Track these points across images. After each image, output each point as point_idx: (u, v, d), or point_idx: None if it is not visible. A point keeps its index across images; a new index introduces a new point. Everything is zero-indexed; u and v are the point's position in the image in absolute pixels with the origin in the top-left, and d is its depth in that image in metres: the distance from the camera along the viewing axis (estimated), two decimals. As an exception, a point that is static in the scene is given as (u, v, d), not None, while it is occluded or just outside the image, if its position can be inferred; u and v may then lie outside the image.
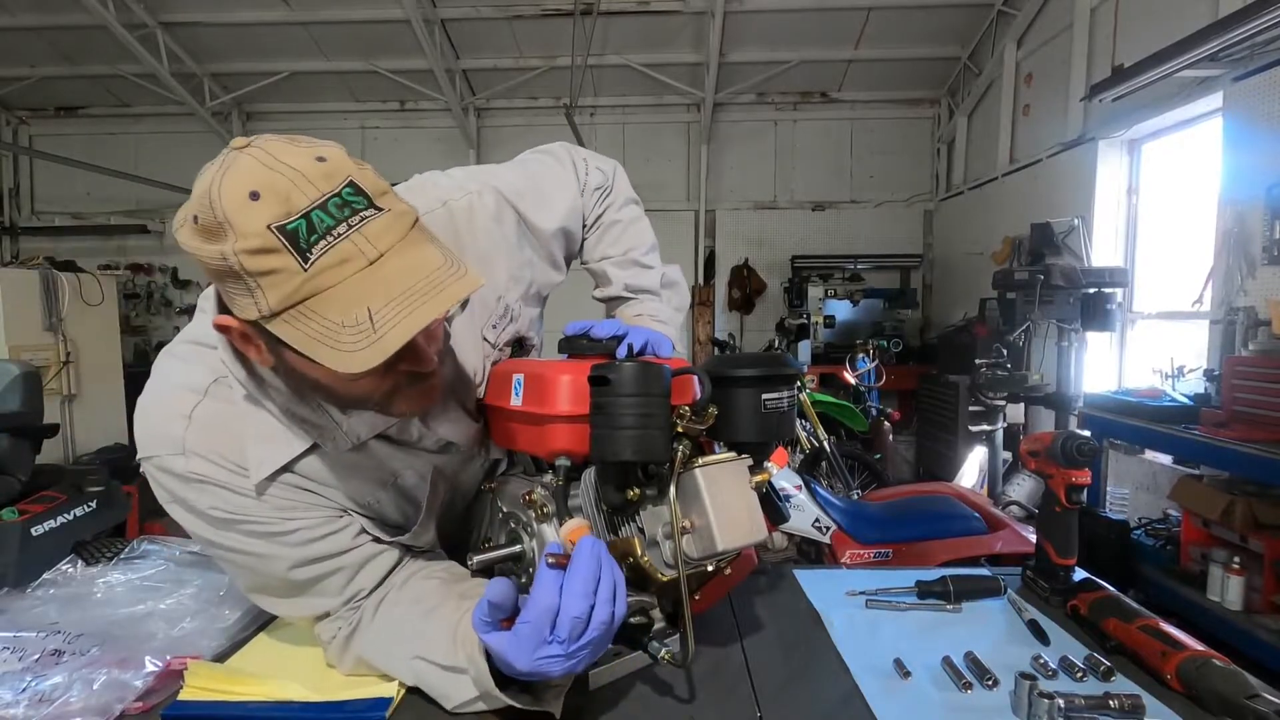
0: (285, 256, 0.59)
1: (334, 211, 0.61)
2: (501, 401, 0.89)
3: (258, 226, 0.59)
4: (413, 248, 0.65)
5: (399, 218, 0.65)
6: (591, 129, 6.79)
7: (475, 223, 0.93)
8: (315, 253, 0.60)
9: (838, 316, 6.27)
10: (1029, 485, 4.19)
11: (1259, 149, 3.03)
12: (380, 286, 0.61)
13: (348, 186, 0.62)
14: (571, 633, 0.66)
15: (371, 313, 0.60)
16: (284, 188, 0.60)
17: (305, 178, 0.61)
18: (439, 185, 0.95)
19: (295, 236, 0.59)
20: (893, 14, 5.50)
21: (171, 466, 0.78)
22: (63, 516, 2.53)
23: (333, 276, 0.61)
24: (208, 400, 0.78)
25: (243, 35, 5.78)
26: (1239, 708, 0.74)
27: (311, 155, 0.62)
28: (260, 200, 0.59)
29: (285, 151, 0.62)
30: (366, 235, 0.62)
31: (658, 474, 0.76)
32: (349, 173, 0.63)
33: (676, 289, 1.22)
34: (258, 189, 0.60)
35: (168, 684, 0.84)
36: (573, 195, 1.07)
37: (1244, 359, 2.77)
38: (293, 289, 0.60)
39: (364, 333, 0.60)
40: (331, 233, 0.61)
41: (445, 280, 0.64)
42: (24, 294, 4.29)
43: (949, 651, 0.90)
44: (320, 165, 0.62)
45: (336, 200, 0.61)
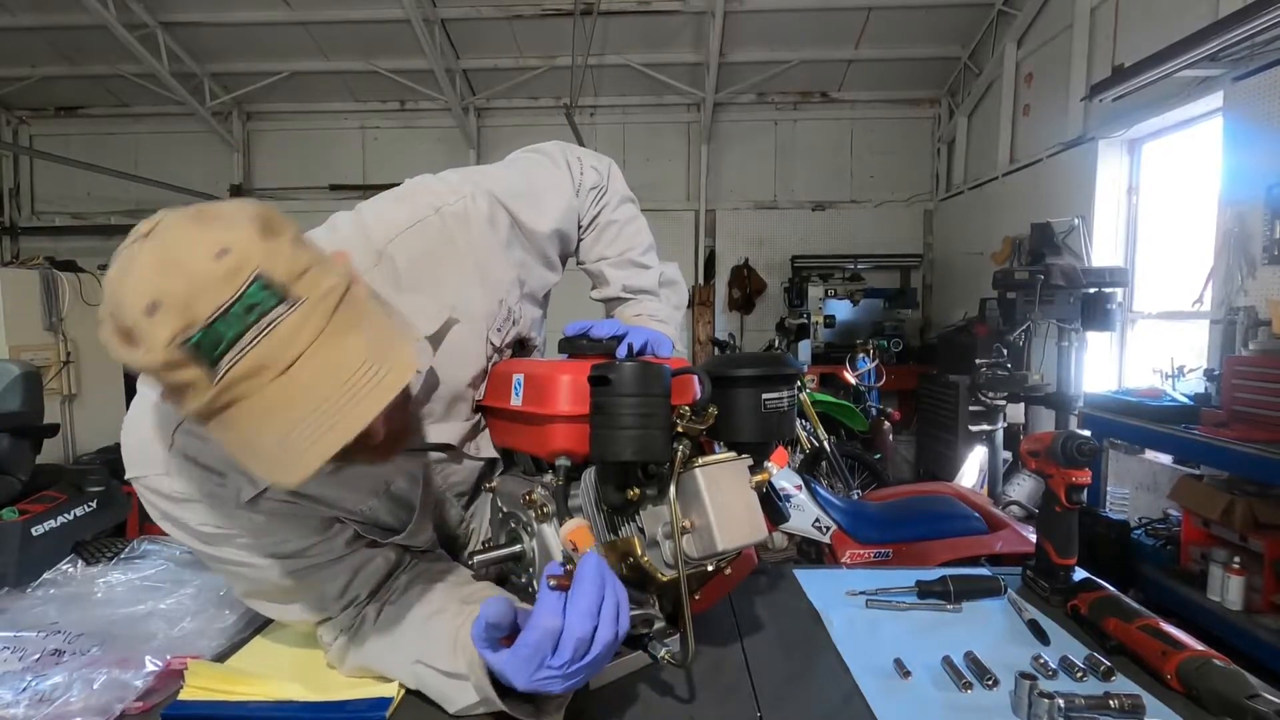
0: (193, 369, 0.56)
1: (239, 318, 0.56)
2: (501, 402, 0.89)
3: (161, 341, 0.55)
4: (332, 344, 0.59)
5: (317, 305, 0.59)
6: (591, 129, 6.79)
7: (470, 228, 0.91)
8: (224, 365, 0.56)
9: (838, 316, 6.27)
10: (1029, 485, 4.19)
11: (1259, 149, 3.02)
12: (294, 400, 0.57)
13: (254, 283, 0.56)
14: (575, 653, 0.65)
15: (286, 431, 0.57)
16: (183, 296, 0.55)
17: (205, 283, 0.55)
18: (431, 190, 0.93)
19: (199, 349, 0.55)
20: (893, 14, 5.50)
21: (159, 487, 0.78)
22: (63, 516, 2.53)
23: (246, 388, 0.57)
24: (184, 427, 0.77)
25: (243, 35, 5.78)
26: (1239, 708, 0.74)
27: (214, 249, 0.56)
28: (159, 313, 0.55)
29: (186, 245, 0.57)
30: (278, 339, 0.57)
31: (658, 474, 0.76)
32: (256, 265, 0.57)
33: (675, 287, 1.22)
34: (157, 299, 0.55)
35: (168, 684, 0.84)
36: (567, 196, 1.06)
37: (1244, 359, 2.76)
38: (208, 400, 0.57)
39: (280, 451, 0.57)
40: (238, 343, 0.56)
41: (365, 385, 0.58)
42: (24, 294, 4.29)
43: (949, 651, 0.90)
44: (222, 263, 0.56)
45: (241, 305, 0.56)
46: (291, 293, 0.58)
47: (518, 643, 0.66)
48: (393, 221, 0.88)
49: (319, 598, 0.85)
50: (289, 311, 0.58)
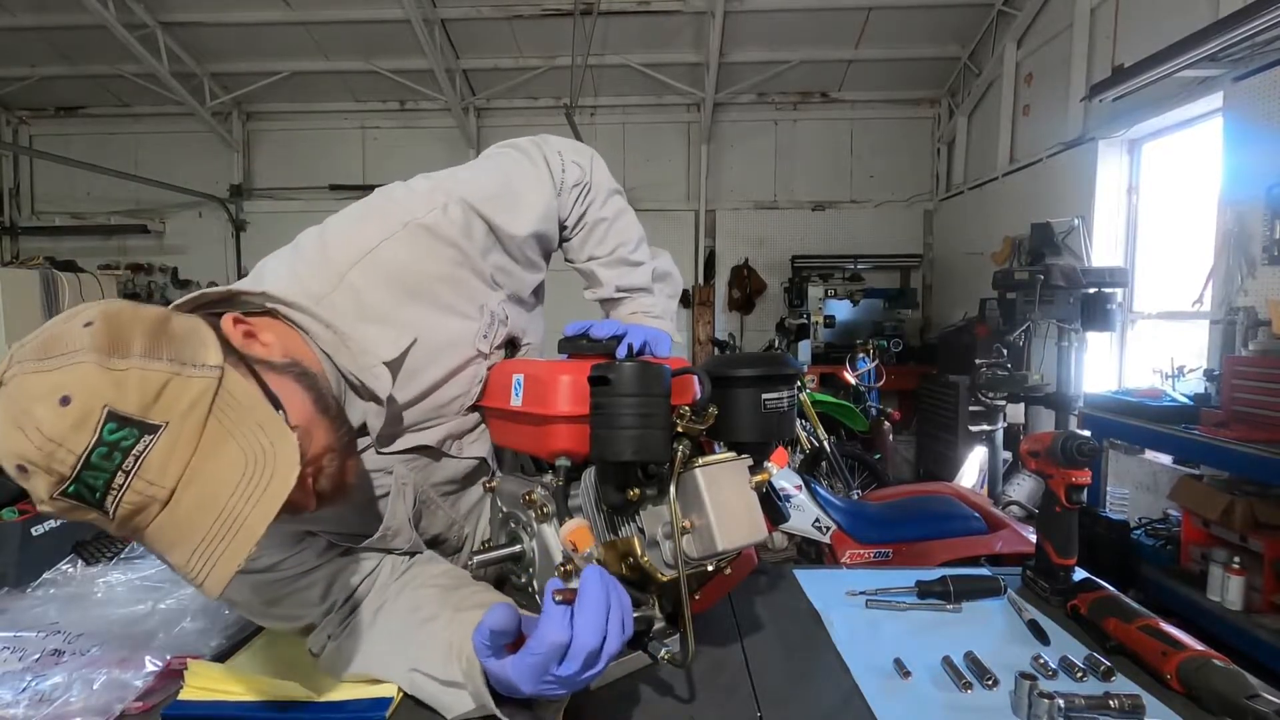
0: (88, 511, 0.57)
1: (102, 465, 0.55)
2: (501, 402, 0.89)
3: (44, 496, 0.56)
4: (208, 463, 0.59)
5: (183, 424, 0.58)
6: (591, 129, 6.79)
7: (440, 241, 0.87)
8: (109, 506, 0.56)
9: (838, 316, 6.27)
10: (1029, 485, 4.18)
11: (1259, 149, 3.02)
12: (183, 530, 0.58)
13: (107, 425, 0.55)
14: (584, 665, 0.65)
15: (186, 558, 0.58)
16: (42, 456, 0.54)
17: (55, 438, 0.54)
18: (399, 203, 0.88)
19: (81, 497, 0.56)
20: (893, 14, 5.50)
21: None
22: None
23: (139, 522, 0.58)
24: None
25: (243, 35, 5.79)
26: (1239, 708, 0.74)
27: (55, 397, 0.55)
28: (30, 474, 0.55)
29: (30, 398, 0.55)
30: (148, 475, 0.56)
31: (658, 474, 0.76)
32: (103, 402, 0.55)
33: (669, 279, 1.21)
34: (21, 461, 0.55)
35: (168, 684, 0.84)
36: (547, 197, 1.01)
37: (1244, 359, 2.76)
38: (116, 530, 0.58)
39: (191, 572, 0.58)
40: (111, 486, 0.56)
41: (248, 501, 0.58)
42: (24, 294, 4.29)
43: (949, 651, 0.90)
44: (67, 412, 0.54)
45: (101, 451, 0.55)
46: (150, 419, 0.57)
47: (523, 651, 0.66)
48: (357, 243, 0.83)
49: (297, 605, 0.85)
50: (154, 440, 0.56)
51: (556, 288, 1.12)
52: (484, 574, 0.90)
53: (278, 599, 0.84)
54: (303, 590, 0.84)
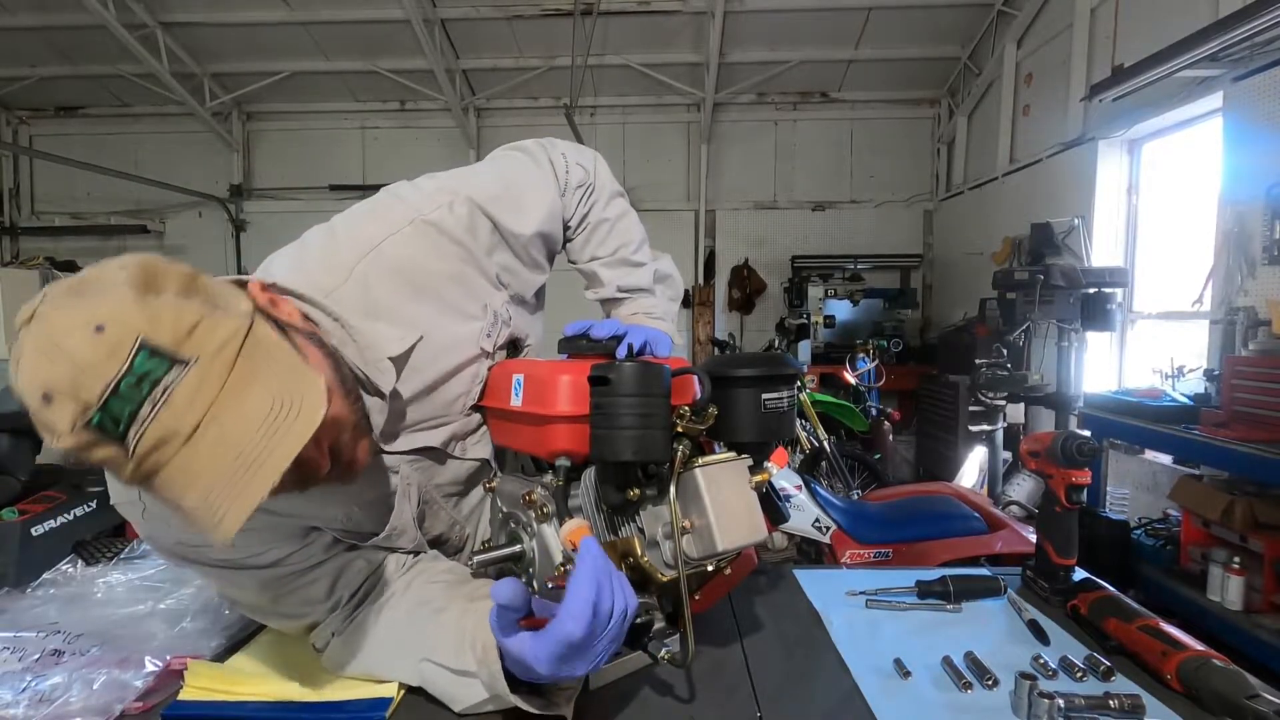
0: (106, 447, 0.56)
1: (131, 393, 0.55)
2: (501, 402, 0.89)
3: (64, 428, 0.55)
4: (234, 401, 0.58)
5: (213, 362, 0.58)
6: (591, 129, 6.79)
7: (445, 238, 0.89)
8: (131, 439, 0.56)
9: (838, 316, 6.26)
10: (1029, 485, 4.18)
11: (1259, 149, 3.02)
12: (205, 465, 0.57)
13: (140, 354, 0.55)
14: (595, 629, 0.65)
15: (204, 496, 0.57)
16: (69, 383, 0.54)
17: (87, 365, 0.54)
18: (406, 201, 0.90)
19: (103, 429, 0.55)
20: (893, 14, 5.50)
21: (131, 514, 0.79)
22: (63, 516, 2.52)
23: (159, 458, 0.57)
24: None
25: (243, 35, 5.78)
26: (1239, 708, 0.74)
27: (90, 325, 0.55)
28: (54, 402, 0.55)
29: (63, 328, 0.56)
30: (175, 408, 0.56)
31: (658, 474, 0.76)
32: (138, 332, 0.56)
33: (670, 281, 1.21)
34: (48, 389, 0.55)
35: (168, 684, 0.84)
36: (551, 198, 1.03)
37: (1244, 359, 2.76)
38: (131, 471, 0.57)
39: (205, 513, 0.57)
40: (137, 417, 0.55)
41: (272, 438, 0.58)
42: (24, 294, 4.27)
43: (949, 651, 0.90)
44: (101, 340, 0.55)
45: (129, 380, 0.55)
46: (181, 354, 0.57)
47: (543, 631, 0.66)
48: (364, 238, 0.85)
49: (301, 603, 0.85)
50: (183, 374, 0.56)
51: (556, 288, 1.12)
52: (484, 574, 0.90)
53: (282, 596, 0.84)
54: (307, 586, 0.84)
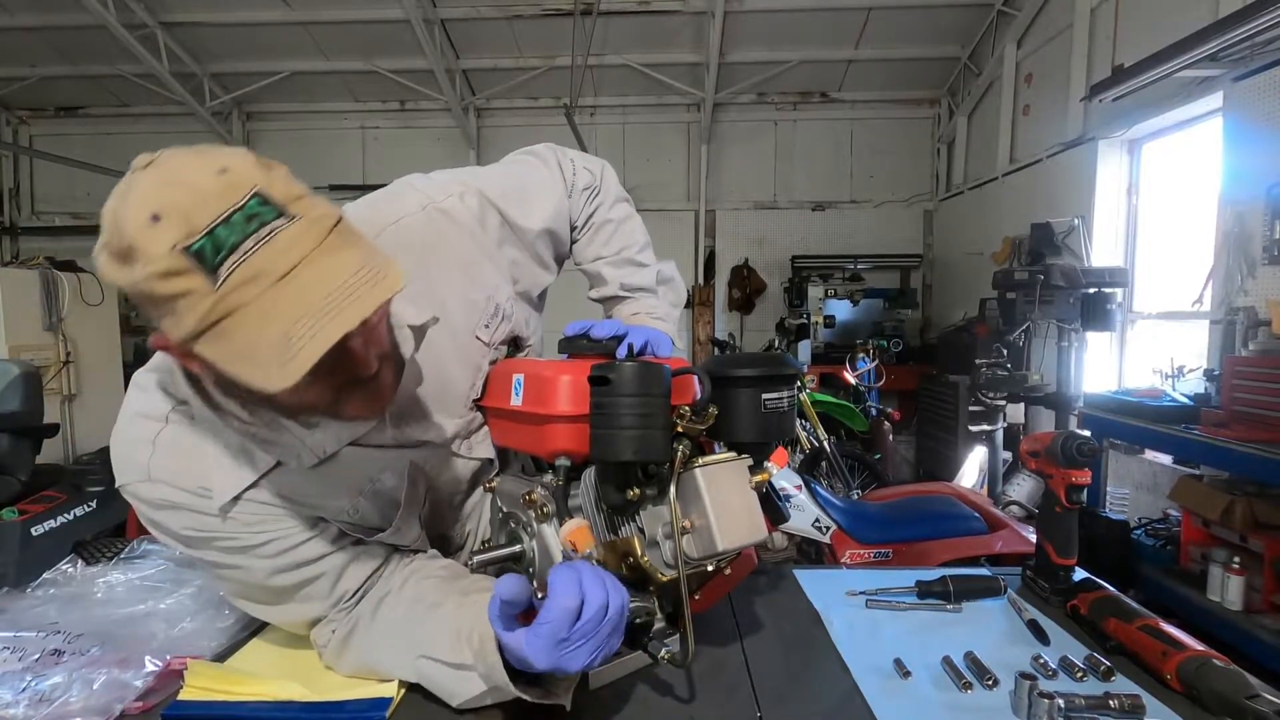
0: (194, 277, 0.57)
1: (240, 226, 0.58)
2: (501, 402, 0.89)
3: (162, 249, 0.57)
4: (328, 256, 0.62)
5: (314, 224, 0.62)
6: (591, 129, 6.79)
7: (456, 226, 0.92)
8: (224, 271, 0.58)
9: (838, 316, 6.27)
10: (1029, 485, 4.18)
11: (1259, 149, 3.02)
12: (294, 301, 0.59)
13: (254, 198, 0.59)
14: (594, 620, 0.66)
15: (286, 329, 0.58)
16: (185, 206, 0.57)
17: (207, 194, 0.58)
18: (418, 189, 0.93)
19: (201, 256, 0.57)
20: (893, 14, 5.50)
21: (140, 493, 0.79)
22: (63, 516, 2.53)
23: (245, 294, 0.58)
24: (170, 426, 0.78)
25: (243, 35, 5.78)
26: (1239, 708, 0.74)
27: (214, 168, 0.60)
28: (162, 222, 0.57)
29: (186, 167, 0.60)
30: (277, 248, 0.59)
31: (658, 474, 0.76)
32: (255, 182, 0.60)
33: (672, 285, 1.22)
34: (159, 211, 0.57)
35: (168, 684, 0.84)
36: (558, 196, 1.06)
37: (1244, 359, 2.76)
38: (207, 309, 0.58)
39: (281, 348, 0.58)
40: (239, 249, 0.58)
41: (360, 288, 0.61)
42: (24, 294, 4.29)
43: (949, 651, 0.90)
44: (223, 178, 0.59)
45: (241, 214, 0.58)
46: (289, 210, 0.61)
47: (535, 623, 0.67)
48: (378, 219, 0.88)
49: (306, 598, 0.85)
50: (287, 224, 0.60)
51: (557, 288, 1.13)
52: (484, 574, 0.91)
53: (288, 589, 0.84)
54: (312, 580, 0.84)
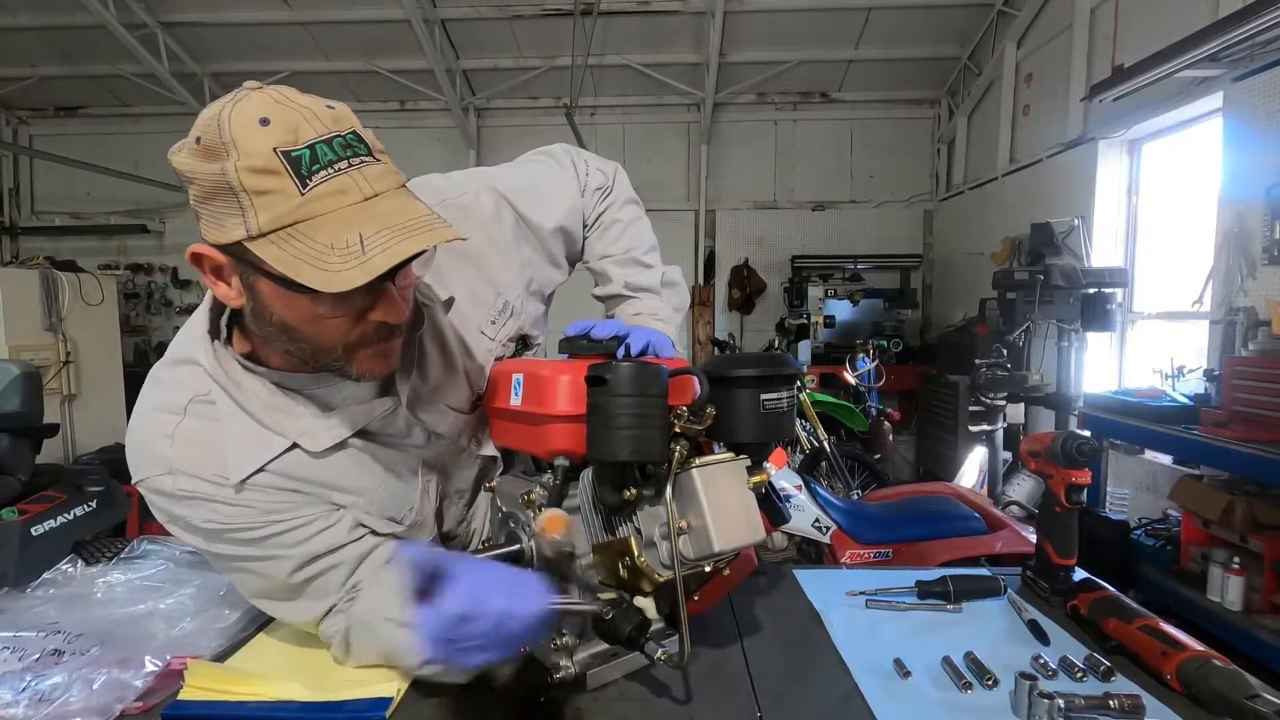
0: (284, 179, 0.63)
1: (338, 149, 0.66)
2: (501, 401, 0.89)
3: (263, 148, 0.63)
4: (405, 197, 0.70)
5: (394, 174, 0.71)
6: (591, 129, 6.79)
7: (470, 222, 0.94)
8: (314, 180, 0.64)
9: (838, 316, 6.27)
10: (1029, 485, 4.18)
11: (1259, 149, 3.02)
12: (374, 218, 0.65)
13: (353, 133, 0.68)
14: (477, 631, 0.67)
15: (363, 238, 0.64)
16: (294, 120, 0.65)
17: (316, 116, 0.66)
18: (435, 187, 0.96)
19: (298, 163, 0.64)
20: (893, 14, 5.49)
21: (162, 486, 0.79)
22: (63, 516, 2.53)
23: (328, 204, 0.65)
24: (188, 419, 0.80)
25: (243, 35, 5.78)
26: (1239, 708, 0.74)
27: (324, 102, 0.69)
28: (270, 126, 0.64)
29: (298, 95, 0.68)
30: (365, 176, 0.67)
31: (655, 474, 0.76)
32: (355, 125, 0.69)
33: (676, 289, 1.22)
34: (270, 117, 0.64)
35: (168, 684, 0.84)
36: (572, 195, 1.08)
37: (1244, 359, 2.76)
38: (286, 210, 0.63)
39: (353, 254, 0.63)
40: (333, 166, 0.65)
41: (434, 224, 0.68)
42: (24, 294, 4.29)
43: (949, 651, 0.90)
44: (331, 111, 0.68)
45: (341, 140, 0.66)
46: (376, 155, 0.70)
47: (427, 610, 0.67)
48: None
49: (322, 590, 0.85)
50: (375, 163, 0.69)
51: (559, 288, 1.13)
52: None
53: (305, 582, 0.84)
54: (328, 571, 0.84)
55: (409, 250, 0.64)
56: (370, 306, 0.72)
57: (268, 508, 0.80)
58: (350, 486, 0.85)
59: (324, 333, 0.72)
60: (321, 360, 0.76)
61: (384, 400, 0.87)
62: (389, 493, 0.88)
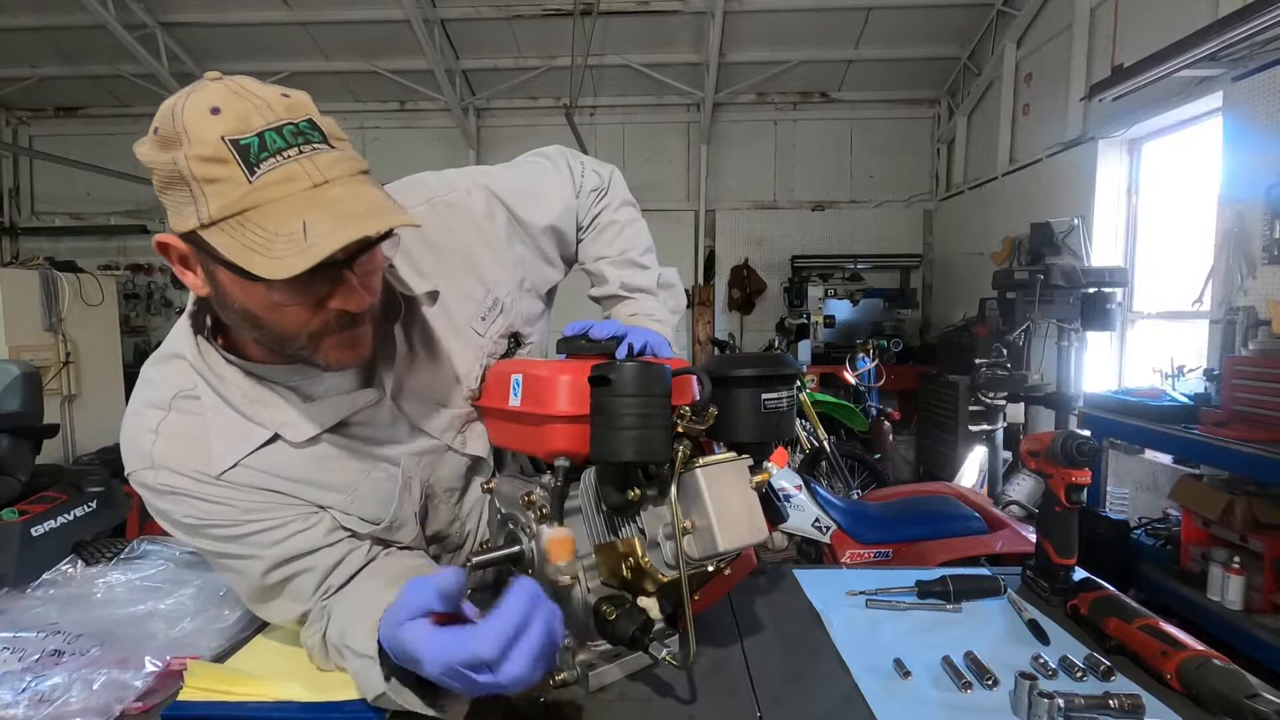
0: (232, 167, 0.63)
1: (288, 137, 0.65)
2: (499, 402, 0.89)
3: (211, 136, 0.63)
4: (358, 184, 0.69)
5: (350, 160, 0.69)
6: (591, 129, 6.79)
7: (460, 219, 0.95)
8: (262, 168, 0.64)
9: (838, 316, 6.27)
10: (1029, 485, 4.18)
11: (1259, 149, 3.02)
12: (320, 206, 0.65)
13: (306, 121, 0.67)
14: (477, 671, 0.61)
15: (306, 225, 0.63)
16: (245, 110, 0.65)
17: (268, 105, 0.66)
18: (427, 185, 0.97)
19: (246, 151, 0.63)
20: (893, 14, 5.50)
21: (145, 480, 0.81)
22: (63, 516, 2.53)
23: (276, 192, 0.64)
24: (172, 414, 0.81)
25: (243, 35, 5.78)
26: (1239, 708, 0.74)
27: (279, 91, 0.68)
28: (219, 115, 0.64)
29: (255, 85, 0.68)
30: (316, 164, 0.66)
31: (658, 474, 0.76)
32: (310, 113, 0.68)
33: (673, 291, 1.22)
34: (220, 106, 0.64)
35: (168, 684, 0.84)
36: (566, 195, 1.09)
37: (1244, 359, 2.76)
38: (234, 199, 0.63)
39: (295, 242, 0.63)
40: (282, 154, 0.65)
41: (384, 211, 0.67)
42: (24, 294, 4.29)
43: (949, 651, 0.90)
44: (285, 99, 0.67)
45: (292, 128, 0.66)
46: (332, 143, 0.69)
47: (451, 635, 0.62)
48: None
49: (296, 593, 0.85)
50: (330, 150, 0.68)
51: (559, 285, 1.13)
52: (482, 575, 0.90)
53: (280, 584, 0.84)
54: (301, 574, 0.84)
55: (349, 236, 0.64)
56: (329, 294, 0.71)
57: (246, 506, 0.81)
58: (331, 483, 0.85)
59: (284, 320, 0.72)
60: (288, 349, 0.76)
61: (367, 391, 0.86)
62: (371, 489, 0.87)
